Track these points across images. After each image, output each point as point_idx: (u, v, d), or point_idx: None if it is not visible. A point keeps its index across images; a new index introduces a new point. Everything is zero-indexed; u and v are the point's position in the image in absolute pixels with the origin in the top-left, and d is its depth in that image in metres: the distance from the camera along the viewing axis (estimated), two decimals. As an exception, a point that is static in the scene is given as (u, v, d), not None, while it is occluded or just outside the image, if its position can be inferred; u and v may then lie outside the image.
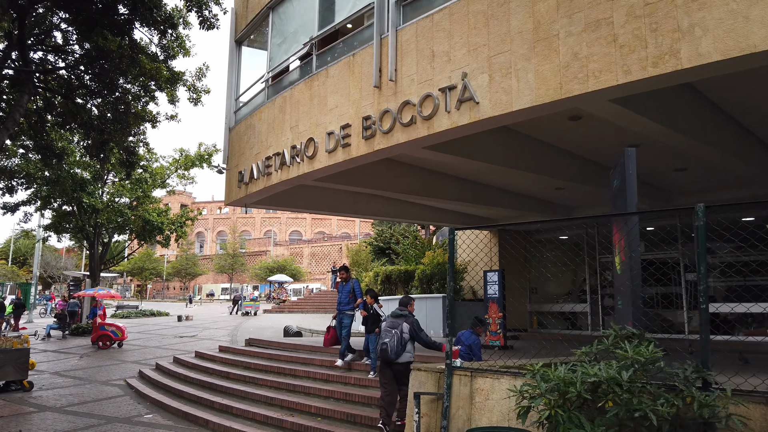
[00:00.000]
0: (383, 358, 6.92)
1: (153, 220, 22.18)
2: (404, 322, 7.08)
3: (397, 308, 7.41)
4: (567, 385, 2.99)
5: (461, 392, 4.43)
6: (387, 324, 7.15)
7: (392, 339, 6.91)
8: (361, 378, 8.64)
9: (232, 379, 10.20)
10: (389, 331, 6.97)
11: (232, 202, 12.79)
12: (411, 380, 4.99)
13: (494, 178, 11.91)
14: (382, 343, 6.91)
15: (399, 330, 6.96)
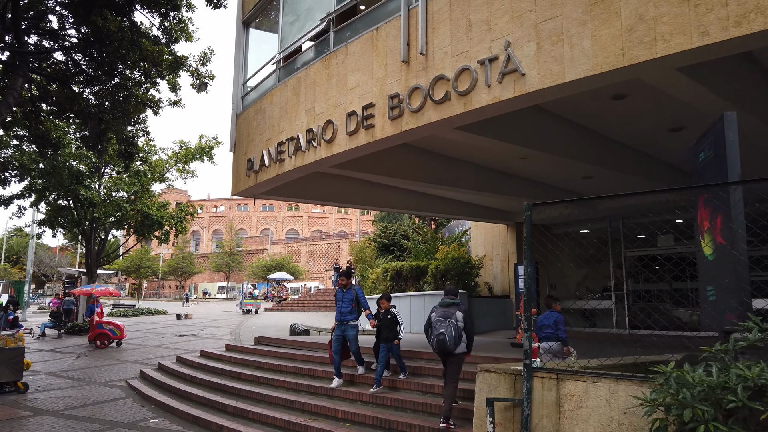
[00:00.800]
0: (440, 349, 6.56)
1: (152, 214, 21.39)
2: (457, 311, 6.74)
3: (445, 297, 7.00)
4: (723, 391, 2.34)
5: (545, 398, 3.76)
6: (438, 314, 6.77)
7: (448, 328, 6.57)
8: (393, 379, 7.91)
9: (244, 380, 9.49)
10: (443, 321, 6.61)
11: (239, 192, 12.07)
12: (480, 384, 4.31)
13: (518, 167, 11.26)
14: (438, 333, 6.53)
15: (453, 319, 6.63)
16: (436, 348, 6.60)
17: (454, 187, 11.21)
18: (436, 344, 6.57)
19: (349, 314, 8.82)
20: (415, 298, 15.64)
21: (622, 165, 9.97)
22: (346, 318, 8.80)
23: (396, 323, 8.39)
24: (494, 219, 14.92)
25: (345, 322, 8.79)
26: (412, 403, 6.66)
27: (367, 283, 22.03)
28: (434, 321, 6.76)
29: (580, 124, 9.12)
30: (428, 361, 8.31)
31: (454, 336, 6.48)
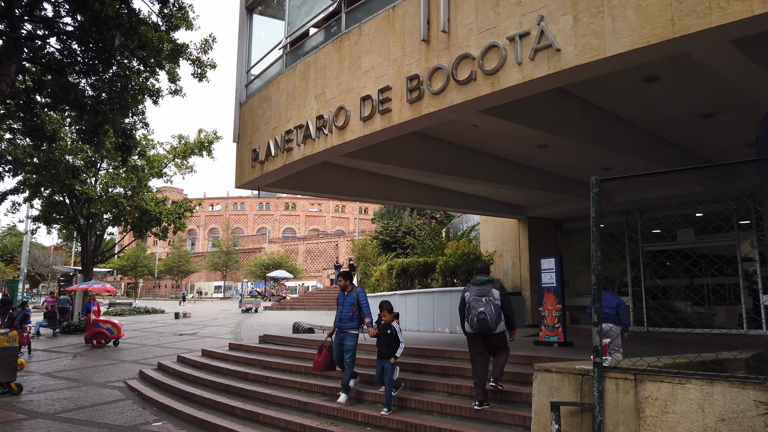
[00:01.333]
0: (481, 329, 6.24)
1: (151, 210, 20.82)
2: (493, 288, 6.47)
3: (478, 275, 6.69)
4: None
5: (621, 402, 3.28)
6: (473, 293, 6.45)
7: (488, 306, 6.27)
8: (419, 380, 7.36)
9: (252, 380, 8.98)
10: (480, 300, 6.31)
11: (243, 184, 11.56)
12: (538, 385, 3.81)
13: (535, 157, 10.79)
14: (478, 313, 6.22)
15: (491, 296, 6.34)
16: (476, 328, 6.26)
17: (468, 178, 10.72)
18: (476, 324, 6.25)
19: (350, 321, 7.72)
20: (423, 295, 15.17)
21: (645, 153, 9.51)
22: (346, 325, 7.71)
23: (395, 340, 7.23)
24: (506, 213, 14.45)
25: (344, 329, 7.72)
26: (438, 405, 6.18)
27: (371, 280, 21.56)
28: (470, 300, 6.44)
29: (605, 109, 8.66)
30: (452, 359, 7.74)
31: (495, 314, 6.21)
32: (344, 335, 7.70)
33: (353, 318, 7.76)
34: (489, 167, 10.87)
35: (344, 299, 7.91)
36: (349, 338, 7.66)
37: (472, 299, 6.44)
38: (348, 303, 7.82)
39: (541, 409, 3.69)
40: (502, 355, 6.43)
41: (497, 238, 15.73)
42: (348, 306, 7.80)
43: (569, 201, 13.29)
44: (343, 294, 8.01)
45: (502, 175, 11.07)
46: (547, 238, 14.96)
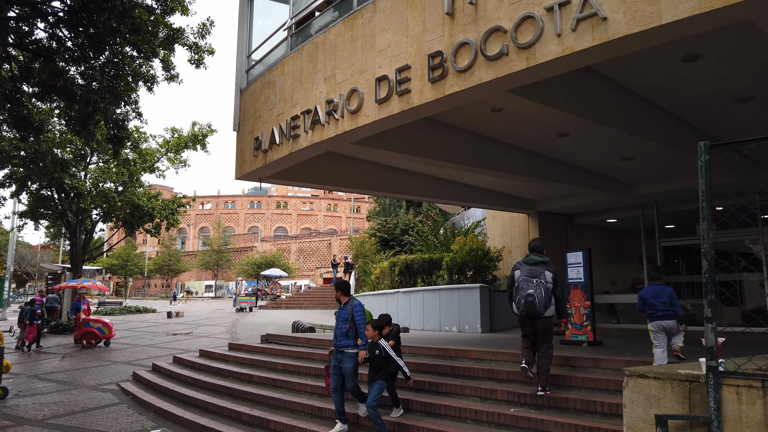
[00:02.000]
0: (528, 311, 5.98)
1: (143, 205, 20.07)
2: (546, 270, 6.18)
3: (532, 254, 6.39)
4: None
5: (744, 415, 2.73)
6: (524, 273, 6.17)
7: (538, 289, 6.00)
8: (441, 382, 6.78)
9: (257, 383, 8.36)
10: (530, 281, 6.03)
11: (244, 176, 10.92)
12: (631, 394, 3.21)
13: (554, 147, 10.25)
14: (526, 295, 5.95)
15: (542, 279, 6.07)
16: (523, 310, 6.00)
17: (482, 168, 10.15)
18: (523, 306, 5.98)
19: (344, 338, 6.61)
20: (429, 293, 14.61)
21: (673, 140, 8.98)
22: (341, 343, 6.59)
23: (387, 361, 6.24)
24: (516, 207, 13.92)
25: (340, 348, 6.61)
26: (473, 411, 5.60)
27: (371, 278, 20.98)
28: (520, 281, 6.15)
29: (636, 92, 8.12)
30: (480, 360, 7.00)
31: (544, 298, 5.93)
32: (341, 356, 6.58)
33: (348, 334, 6.62)
34: (505, 157, 10.31)
35: (339, 312, 6.87)
36: (347, 359, 6.47)
37: (522, 279, 6.16)
38: (342, 318, 6.74)
39: (637, 422, 3.12)
40: (545, 358, 5.98)
41: (505, 233, 15.20)
42: (342, 321, 6.72)
43: (583, 194, 12.78)
44: (339, 306, 6.94)
45: (518, 166, 10.52)
46: (558, 233, 14.44)
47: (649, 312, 6.45)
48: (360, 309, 6.77)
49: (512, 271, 6.51)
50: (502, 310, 13.30)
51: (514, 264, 6.89)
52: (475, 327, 12.84)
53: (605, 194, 12.08)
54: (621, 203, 12.85)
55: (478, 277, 14.20)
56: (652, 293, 6.50)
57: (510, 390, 5.71)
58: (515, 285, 6.23)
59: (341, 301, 6.90)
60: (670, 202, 12.39)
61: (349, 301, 6.82)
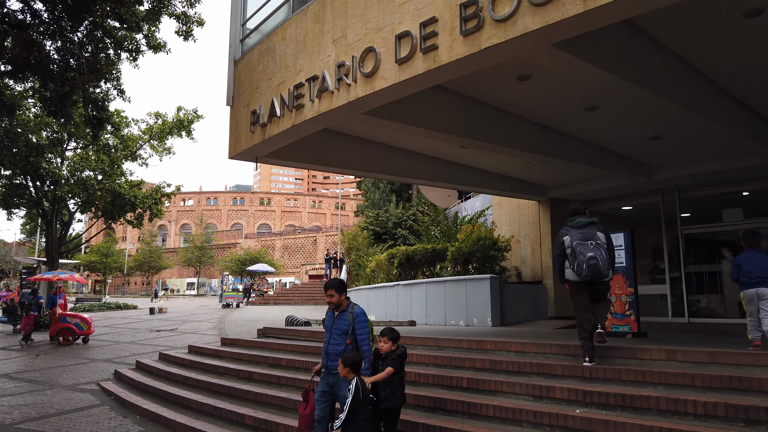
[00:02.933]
0: (592, 276, 5.61)
1: (124, 194, 18.89)
2: (597, 231, 5.89)
3: (578, 217, 6.09)
4: None
5: None
6: (577, 237, 5.80)
7: (598, 250, 5.68)
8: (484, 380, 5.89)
9: (259, 381, 7.40)
10: (586, 244, 5.68)
11: (239, 154, 9.95)
12: None
13: (579, 124, 9.45)
14: (588, 258, 5.57)
15: (597, 240, 5.76)
16: (586, 275, 5.61)
17: (504, 146, 9.27)
18: (587, 271, 5.59)
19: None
20: (433, 285, 13.75)
21: (715, 113, 8.20)
22: (337, 364, 4.79)
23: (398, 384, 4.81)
24: (526, 194, 13.12)
25: (335, 370, 4.85)
26: (530, 413, 4.70)
27: (366, 272, 20.09)
28: (575, 245, 5.77)
29: (680, 55, 7.31)
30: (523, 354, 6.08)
31: (606, 259, 5.64)
32: (336, 380, 4.88)
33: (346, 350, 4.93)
34: (526, 135, 9.48)
35: (333, 321, 5.08)
36: (343, 387, 4.77)
37: (577, 243, 5.77)
38: (339, 330, 4.98)
39: None
40: (605, 303, 6.03)
41: (513, 222, 14.41)
42: (339, 334, 4.96)
43: (600, 179, 12.04)
44: (332, 314, 5.12)
45: (540, 145, 9.68)
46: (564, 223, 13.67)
47: (743, 280, 6.04)
48: (364, 319, 4.99)
49: (559, 238, 6.11)
50: (513, 302, 12.50)
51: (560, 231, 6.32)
52: (485, 320, 12.00)
53: (626, 178, 11.32)
54: (640, 188, 12.11)
55: (486, 268, 13.38)
56: (749, 260, 6.03)
57: (570, 387, 4.87)
58: (569, 251, 5.83)
59: (336, 305, 5.04)
60: (692, 187, 11.68)
61: (348, 307, 5.02)
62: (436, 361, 6.07)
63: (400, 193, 42.42)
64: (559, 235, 6.19)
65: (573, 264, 5.78)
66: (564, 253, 6.01)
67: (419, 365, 6.21)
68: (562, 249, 6.02)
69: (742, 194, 11.31)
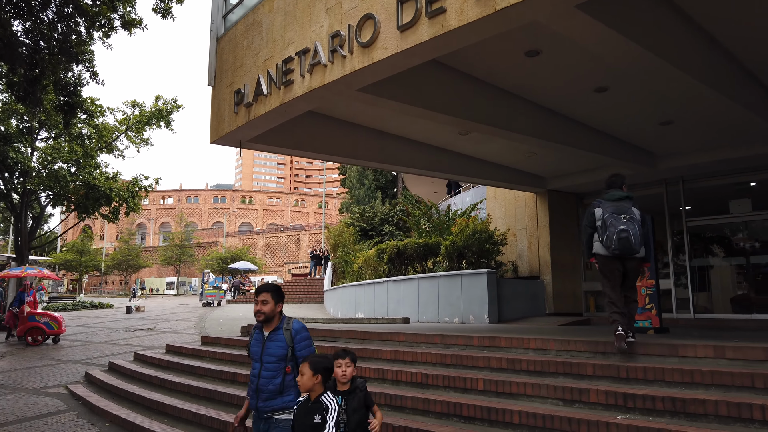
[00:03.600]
0: (622, 249, 5.35)
1: (99, 186, 17.92)
2: (632, 206, 5.63)
3: (613, 190, 5.83)
4: None
5: None
6: (609, 209, 5.54)
7: (630, 224, 5.41)
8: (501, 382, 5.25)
9: (243, 383, 6.64)
10: (618, 218, 5.41)
11: (221, 138, 9.21)
12: None
13: (587, 108, 8.90)
14: (620, 230, 5.30)
15: (632, 215, 5.48)
16: (616, 248, 5.33)
17: (501, 129, 8.62)
18: (617, 244, 5.33)
19: (278, 395, 3.55)
20: (425, 281, 13.12)
21: (739, 95, 7.68)
22: (272, 404, 3.56)
23: None
24: (524, 185, 12.55)
25: (268, 413, 3.57)
26: (563, 420, 4.05)
27: (353, 268, 19.40)
28: (606, 218, 5.50)
29: (707, 29, 6.77)
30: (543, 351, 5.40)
31: (639, 234, 5.34)
32: (271, 426, 3.56)
33: (286, 387, 3.55)
34: (529, 118, 8.89)
35: (264, 346, 3.62)
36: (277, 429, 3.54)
37: (609, 216, 5.49)
38: (274, 355, 3.58)
39: None
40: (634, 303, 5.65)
41: (508, 215, 13.84)
42: (274, 362, 3.57)
43: (602, 168, 11.51)
44: (260, 335, 3.68)
45: (542, 129, 9.10)
46: (568, 214, 13.15)
47: None
48: (307, 336, 3.67)
49: (589, 209, 5.80)
50: (510, 298, 11.93)
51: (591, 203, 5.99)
52: (481, 317, 11.41)
53: (629, 167, 10.80)
54: (643, 179, 11.61)
55: (481, 263, 12.80)
56: None
57: (607, 389, 4.24)
58: (599, 223, 5.53)
59: (268, 318, 3.62)
60: (698, 177, 11.22)
61: (282, 323, 3.65)
62: (445, 360, 5.41)
63: (386, 189, 41.80)
64: (590, 207, 5.88)
65: (602, 236, 5.49)
66: (593, 226, 5.70)
67: (425, 365, 5.55)
68: (592, 221, 5.71)
69: (749, 185, 10.86)
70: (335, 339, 7.58)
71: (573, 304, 12.67)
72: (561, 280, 12.59)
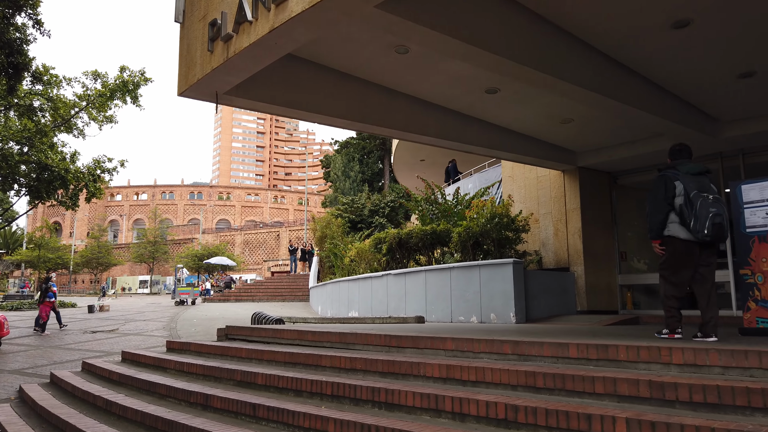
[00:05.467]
0: (715, 236, 4.53)
1: (53, 166, 15.62)
2: (711, 183, 4.83)
3: (688, 162, 4.99)
4: None
5: None
6: (693, 184, 4.69)
7: (720, 206, 4.61)
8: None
9: (220, 411, 4.57)
10: (705, 197, 4.59)
11: (192, 87, 7.17)
12: None
13: (657, 50, 7.09)
14: (714, 214, 4.50)
15: (715, 194, 4.69)
16: (709, 234, 4.54)
17: (550, 75, 6.74)
18: (711, 229, 4.54)
19: None
20: (434, 273, 11.25)
21: None
22: None
23: None
24: (550, 160, 10.72)
25: None
26: None
27: (344, 262, 17.45)
28: (694, 196, 4.68)
29: None
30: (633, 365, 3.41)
31: (727, 218, 4.64)
32: None
33: None
34: (585, 64, 7.06)
35: None
36: None
37: (695, 195, 4.67)
38: None
39: None
40: (716, 307, 4.75)
41: (529, 198, 12.03)
42: None
43: (642, 141, 9.86)
44: None
45: (598, 80, 7.27)
46: (601, 196, 11.41)
47: None
48: None
49: (665, 182, 4.85)
50: (538, 294, 10.12)
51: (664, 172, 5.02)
52: (505, 316, 9.57)
53: (686, 136, 9.03)
54: (696, 151, 9.85)
55: (500, 253, 10.98)
56: None
57: None
58: (682, 200, 4.70)
59: None
60: (760, 150, 9.52)
61: None
62: (534, 381, 3.42)
63: (372, 182, 39.89)
64: (662, 179, 4.91)
65: (690, 218, 4.66)
66: (672, 203, 4.79)
67: (501, 389, 3.57)
68: (672, 196, 4.79)
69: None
70: (348, 346, 5.60)
71: (608, 299, 10.91)
72: (594, 272, 10.82)
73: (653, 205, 4.91)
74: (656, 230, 4.90)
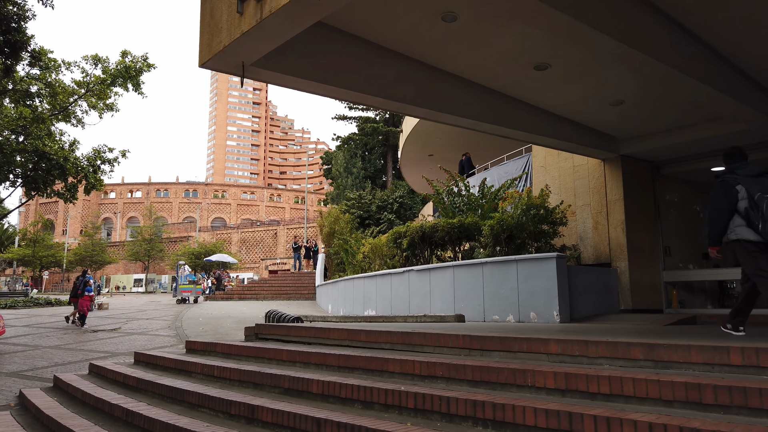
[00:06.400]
0: None
1: (52, 155, 14.73)
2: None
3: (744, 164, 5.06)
4: None
5: None
6: (756, 187, 4.68)
7: None
8: None
9: (270, 425, 3.87)
10: None
11: (215, 56, 6.37)
12: None
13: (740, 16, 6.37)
14: None
15: None
16: None
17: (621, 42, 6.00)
18: None
19: None
20: (463, 269, 10.50)
21: None
22: None
23: None
24: (590, 147, 9.97)
25: None
26: None
27: (357, 258, 16.67)
28: (759, 198, 4.64)
29: None
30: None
31: None
32: None
33: None
34: (661, 34, 6.33)
35: None
36: None
37: (760, 197, 4.66)
38: None
39: None
40: None
41: (565, 188, 11.30)
42: None
43: (692, 126, 9.17)
44: None
45: (668, 51, 6.52)
46: (644, 186, 10.69)
47: None
48: None
49: (725, 188, 4.92)
50: (581, 291, 9.40)
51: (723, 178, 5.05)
52: (548, 315, 8.83)
53: (747, 119, 8.37)
54: (752, 138, 9.19)
55: (537, 247, 10.26)
56: None
57: None
58: (744, 203, 4.78)
59: None
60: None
61: None
62: (692, 394, 2.68)
63: (375, 179, 39.10)
64: (722, 185, 4.97)
65: (757, 220, 4.70)
66: (734, 207, 4.86)
67: (645, 404, 2.73)
68: (734, 201, 4.86)
69: None
70: (413, 348, 4.75)
71: (652, 297, 10.19)
72: (638, 269, 10.10)
73: (714, 212, 4.95)
74: (716, 237, 4.97)
